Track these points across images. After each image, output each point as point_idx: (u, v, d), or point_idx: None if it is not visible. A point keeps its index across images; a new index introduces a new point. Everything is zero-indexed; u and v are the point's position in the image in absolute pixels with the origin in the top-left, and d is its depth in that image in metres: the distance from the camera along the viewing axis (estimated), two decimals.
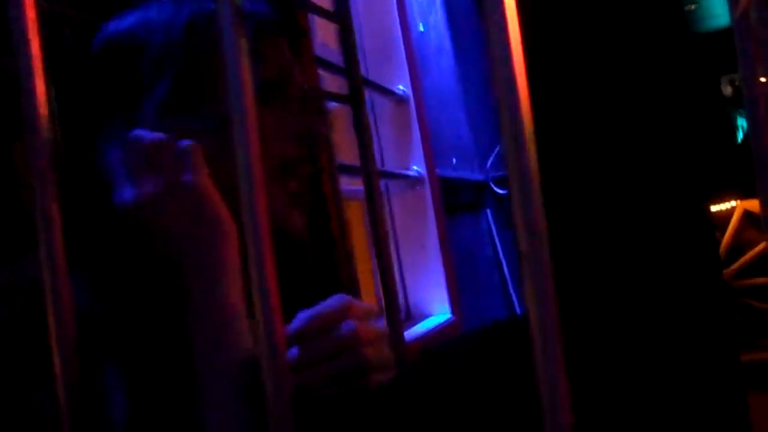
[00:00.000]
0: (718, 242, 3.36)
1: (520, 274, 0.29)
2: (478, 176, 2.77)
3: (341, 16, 1.31)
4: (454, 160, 2.54)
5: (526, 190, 0.29)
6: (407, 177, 2.08)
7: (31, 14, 0.35)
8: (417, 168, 2.10)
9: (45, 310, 0.42)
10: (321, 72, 1.64)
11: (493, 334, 0.62)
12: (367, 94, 2.08)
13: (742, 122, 5.07)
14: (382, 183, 2.07)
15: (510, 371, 0.54)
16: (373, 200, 1.30)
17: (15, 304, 0.58)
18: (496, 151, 2.85)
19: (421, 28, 2.43)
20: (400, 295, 2.01)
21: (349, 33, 1.31)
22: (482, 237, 2.74)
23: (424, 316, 2.06)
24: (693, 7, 5.27)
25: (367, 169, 1.31)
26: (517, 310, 2.77)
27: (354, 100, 1.32)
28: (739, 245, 3.36)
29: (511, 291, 2.78)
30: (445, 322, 2.02)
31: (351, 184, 1.82)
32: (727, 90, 5.62)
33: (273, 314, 0.37)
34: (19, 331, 0.57)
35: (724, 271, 3.29)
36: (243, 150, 0.37)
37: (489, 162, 2.83)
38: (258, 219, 0.38)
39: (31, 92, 0.42)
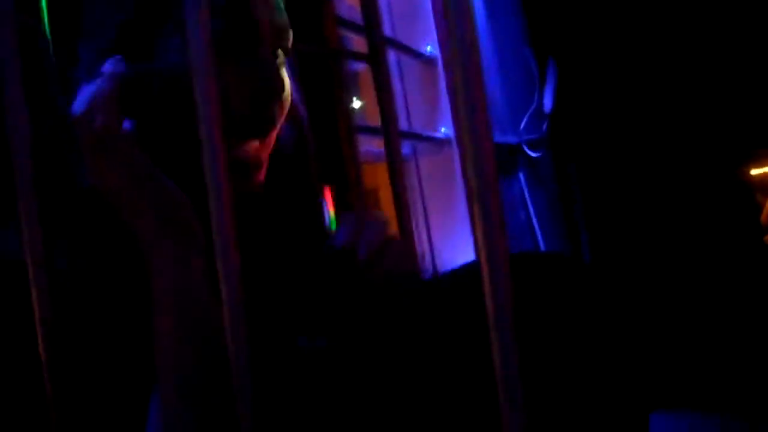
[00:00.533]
0: (760, 207, 3.27)
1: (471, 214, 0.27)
2: (510, 138, 2.72)
3: None
4: None
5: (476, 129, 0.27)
6: (435, 139, 2.04)
7: None
8: (445, 130, 2.07)
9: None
10: (346, 33, 1.62)
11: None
12: (394, 54, 2.04)
13: None
14: (408, 144, 2.03)
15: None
16: (393, 162, 1.27)
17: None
18: (529, 113, 2.79)
19: None
20: (428, 259, 1.99)
21: None
22: (515, 201, 2.69)
23: None
24: None
25: (388, 130, 1.28)
26: None
27: (373, 58, 1.28)
28: None
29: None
30: None
31: (381, 146, 1.79)
32: None
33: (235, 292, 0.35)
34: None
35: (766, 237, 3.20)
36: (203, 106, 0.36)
37: (522, 124, 2.77)
38: (219, 181, 0.36)
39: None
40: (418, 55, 2.03)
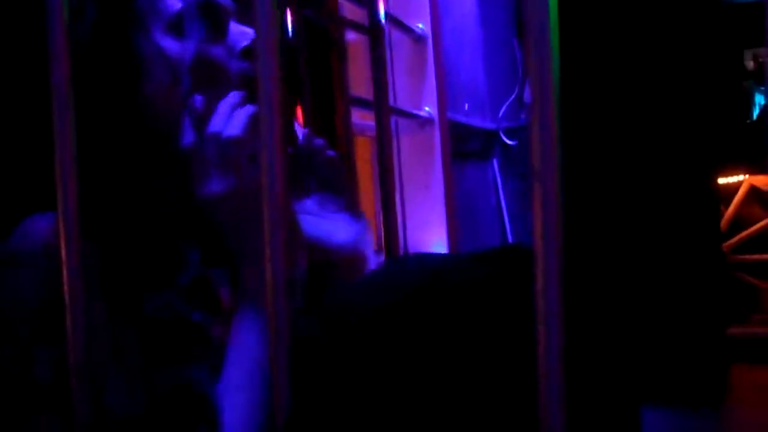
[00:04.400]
0: (721, 214, 3.35)
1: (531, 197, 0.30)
2: (489, 124, 2.75)
3: None
4: (467, 106, 2.52)
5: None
6: (417, 117, 2.06)
7: None
8: (428, 109, 2.09)
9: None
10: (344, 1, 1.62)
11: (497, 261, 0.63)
12: (386, 28, 2.05)
13: (759, 99, 5.01)
14: (392, 120, 2.05)
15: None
16: (382, 137, 1.29)
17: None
18: (509, 101, 2.83)
19: None
20: (400, 233, 2.01)
21: None
22: (487, 186, 2.74)
23: None
24: None
25: (380, 105, 1.30)
26: None
27: (373, 31, 1.29)
28: (741, 220, 3.35)
29: (510, 242, 2.79)
30: None
31: (362, 119, 1.81)
32: (750, 64, 5.54)
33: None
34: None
35: (724, 244, 3.28)
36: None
37: (502, 111, 2.81)
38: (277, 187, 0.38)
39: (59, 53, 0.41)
40: (409, 32, 2.05)
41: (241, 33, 0.72)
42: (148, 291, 0.64)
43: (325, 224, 0.76)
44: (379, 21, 1.35)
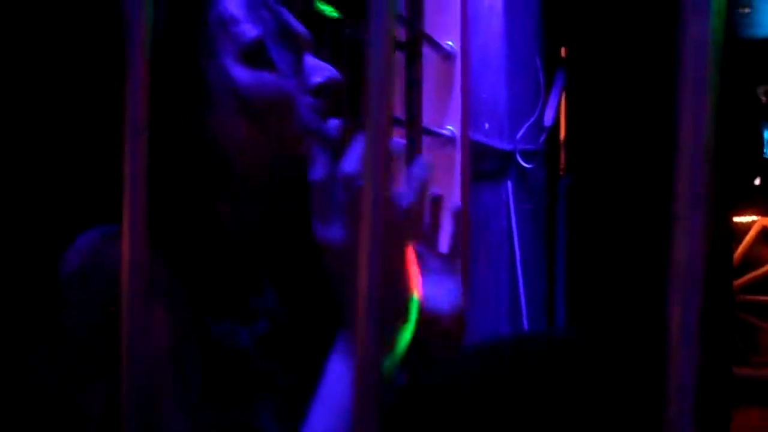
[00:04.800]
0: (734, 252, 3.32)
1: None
2: (506, 145, 2.71)
3: None
4: (487, 125, 2.49)
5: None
6: (439, 135, 2.02)
7: None
8: (451, 128, 2.05)
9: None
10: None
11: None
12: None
13: None
14: None
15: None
16: (412, 156, 1.26)
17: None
18: (529, 122, 2.79)
19: None
20: None
21: None
22: (500, 208, 2.70)
23: None
24: (747, 10, 5.15)
25: (412, 124, 1.27)
26: (521, 286, 2.73)
27: (410, 50, 1.26)
28: (749, 260, 3.33)
29: (518, 266, 2.75)
30: None
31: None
32: (762, 100, 5.53)
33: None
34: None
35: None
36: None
37: (520, 133, 2.77)
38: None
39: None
40: (438, 48, 2.01)
41: (317, 67, 0.67)
42: (217, 317, 0.60)
43: (427, 287, 0.71)
44: (418, 40, 1.32)
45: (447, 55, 2.04)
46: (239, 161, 0.63)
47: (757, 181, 3.61)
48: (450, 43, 2.05)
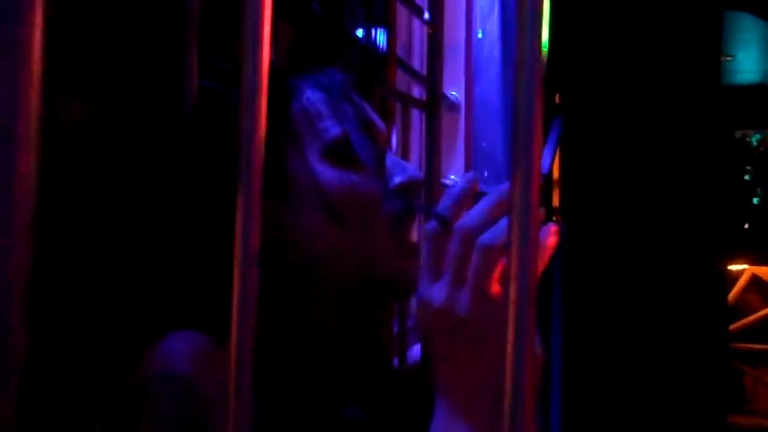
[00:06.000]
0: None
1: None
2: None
3: (435, 19, 1.26)
4: (486, 174, 2.49)
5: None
6: (443, 185, 2.02)
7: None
8: (454, 177, 2.05)
9: None
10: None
11: None
12: (417, 92, 2.02)
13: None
14: None
15: None
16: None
17: None
18: None
19: (480, 35, 2.37)
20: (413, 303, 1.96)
21: (438, 36, 1.26)
22: None
23: None
24: (728, 59, 5.25)
25: (431, 179, 1.26)
26: None
27: (429, 107, 1.26)
28: (739, 308, 3.35)
29: None
30: None
31: None
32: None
33: None
34: None
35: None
36: None
37: None
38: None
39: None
40: (444, 99, 2.02)
41: (398, 165, 0.66)
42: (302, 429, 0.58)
43: None
44: (438, 98, 1.32)
45: (451, 105, 2.05)
46: (321, 261, 0.61)
47: (746, 226, 3.64)
48: (454, 93, 2.06)
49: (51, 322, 0.65)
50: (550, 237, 0.53)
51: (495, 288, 0.51)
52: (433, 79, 1.27)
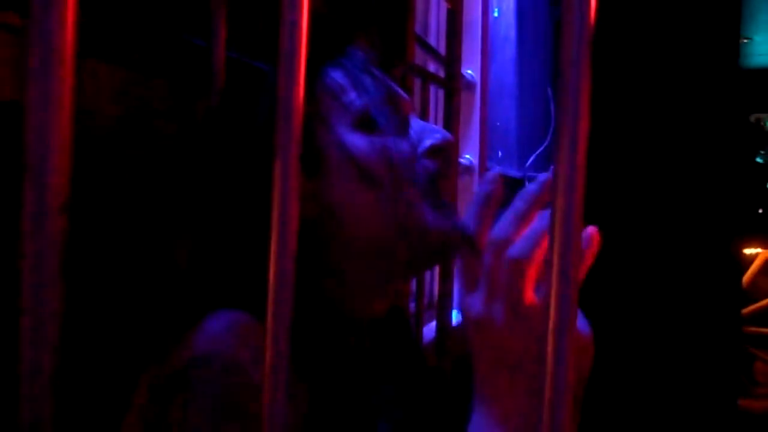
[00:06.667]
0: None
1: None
2: (515, 173, 2.71)
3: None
4: (500, 153, 2.48)
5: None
6: (458, 164, 2.01)
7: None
8: (469, 157, 2.04)
9: None
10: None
11: None
12: (432, 67, 2.01)
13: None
14: None
15: None
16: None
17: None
18: (539, 150, 2.79)
19: (496, 14, 2.35)
20: (429, 282, 1.96)
21: (457, 14, 1.24)
22: None
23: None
24: (745, 41, 5.20)
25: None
26: None
27: (448, 85, 1.25)
28: (752, 291, 3.33)
29: None
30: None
31: None
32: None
33: None
34: None
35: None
36: None
37: (529, 160, 2.77)
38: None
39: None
40: (460, 77, 2.01)
41: (426, 129, 0.66)
42: (334, 417, 0.57)
43: None
44: (457, 76, 1.32)
45: (467, 84, 2.04)
46: (359, 231, 0.60)
47: (760, 210, 3.62)
48: (470, 71, 2.05)
49: (90, 308, 0.65)
50: (592, 245, 0.51)
51: (530, 297, 0.50)
52: (452, 57, 1.26)
